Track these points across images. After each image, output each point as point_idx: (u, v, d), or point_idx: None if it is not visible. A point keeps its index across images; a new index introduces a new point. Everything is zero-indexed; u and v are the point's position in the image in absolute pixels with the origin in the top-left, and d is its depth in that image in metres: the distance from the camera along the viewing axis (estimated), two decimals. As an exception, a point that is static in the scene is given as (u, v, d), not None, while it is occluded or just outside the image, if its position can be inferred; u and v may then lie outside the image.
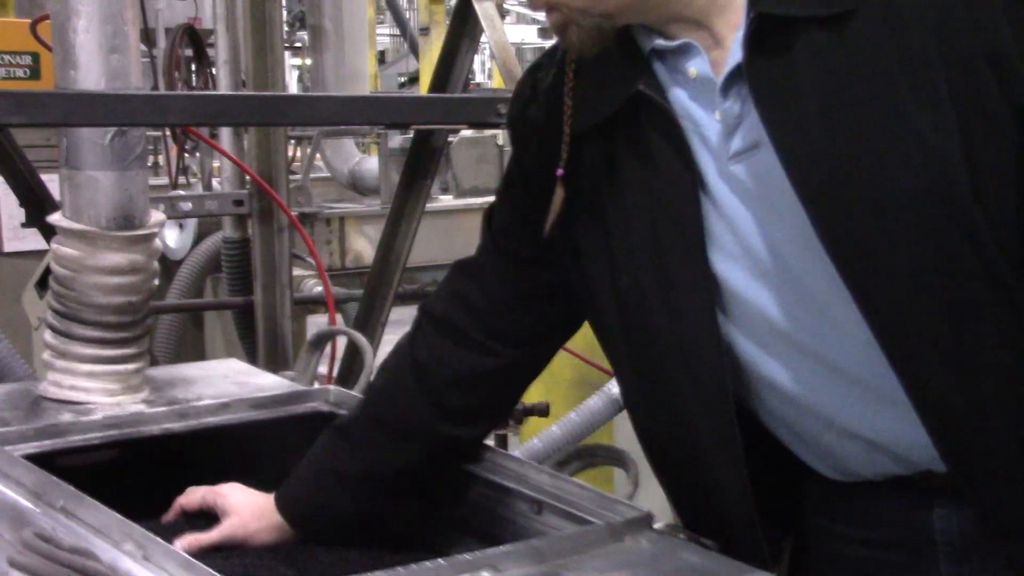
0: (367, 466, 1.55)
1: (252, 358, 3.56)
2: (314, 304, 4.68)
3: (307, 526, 1.57)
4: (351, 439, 1.57)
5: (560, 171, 1.36)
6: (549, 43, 1.46)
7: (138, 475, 1.70)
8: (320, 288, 4.57)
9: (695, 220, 1.28)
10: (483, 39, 3.00)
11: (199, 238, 4.78)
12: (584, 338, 1.51)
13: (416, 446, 1.54)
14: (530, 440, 2.47)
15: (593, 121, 1.34)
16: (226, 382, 2.05)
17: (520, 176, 1.47)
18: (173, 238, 4.92)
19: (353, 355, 3.34)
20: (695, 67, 1.27)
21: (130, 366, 1.99)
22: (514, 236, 1.49)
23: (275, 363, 3.41)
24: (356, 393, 1.88)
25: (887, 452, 1.31)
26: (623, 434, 3.38)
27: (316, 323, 5.95)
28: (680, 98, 1.29)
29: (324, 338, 2.20)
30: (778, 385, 1.31)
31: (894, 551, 1.36)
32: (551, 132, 1.38)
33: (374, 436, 1.55)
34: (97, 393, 1.95)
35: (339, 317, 4.17)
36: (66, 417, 1.83)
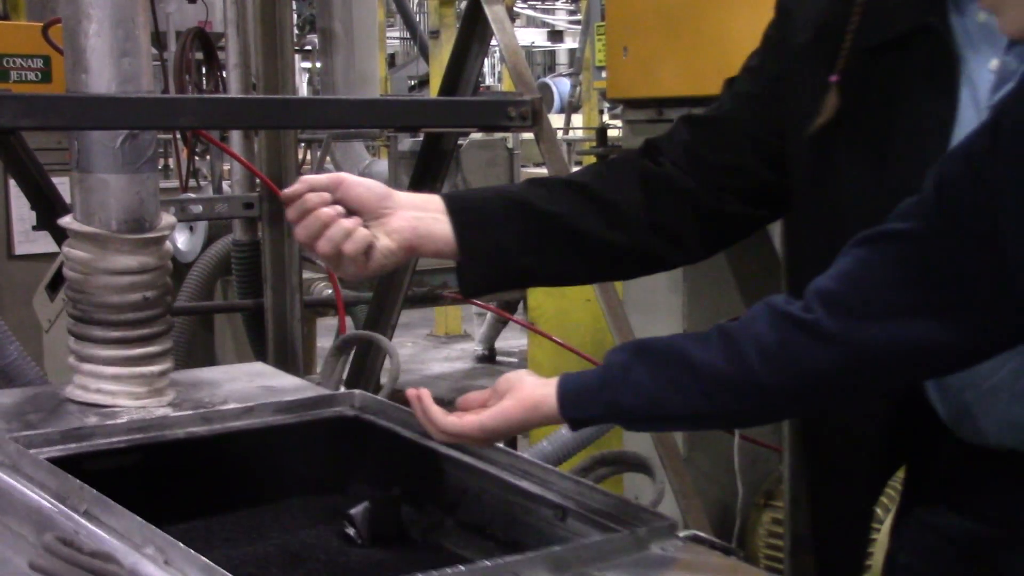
0: (553, 208, 1.52)
1: (261, 360, 3.56)
2: (324, 307, 4.68)
3: (462, 227, 1.51)
4: (550, 186, 1.56)
5: (835, 77, 1.41)
6: (559, 47, 1.47)
7: (163, 479, 1.70)
8: (330, 291, 4.58)
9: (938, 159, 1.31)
10: (493, 42, 3.00)
11: (209, 241, 4.79)
12: (593, 341, 1.52)
13: (615, 227, 1.54)
14: (539, 442, 2.47)
15: (877, 40, 1.39)
16: (251, 385, 2.05)
17: (778, 52, 1.53)
18: (183, 241, 4.93)
19: (363, 359, 3.34)
20: (986, 13, 1.30)
21: (155, 368, 1.99)
22: (754, 106, 1.55)
23: (285, 366, 3.41)
24: (381, 398, 1.88)
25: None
26: (632, 437, 3.38)
27: (326, 326, 5.97)
28: (960, 38, 1.34)
29: (350, 342, 2.20)
30: None
31: (997, 527, 1.40)
32: (829, 29, 1.43)
33: (576, 197, 1.55)
34: (123, 397, 1.95)
35: (348, 320, 4.17)
36: (91, 420, 1.83)
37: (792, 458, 2.52)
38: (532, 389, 1.40)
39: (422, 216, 1.50)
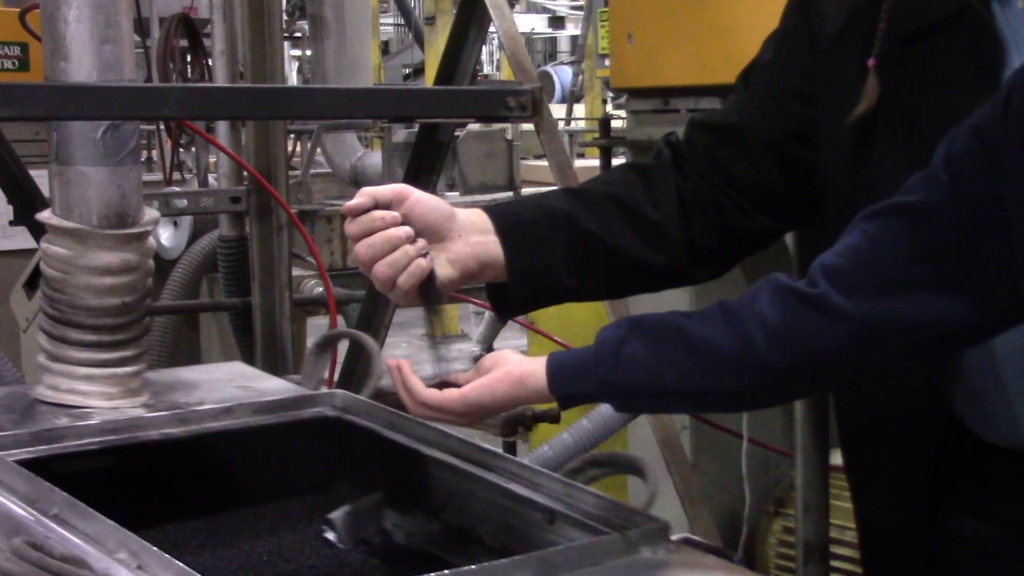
0: (597, 228, 1.52)
1: (249, 362, 3.55)
2: (314, 305, 4.68)
3: (512, 249, 1.50)
4: (590, 199, 1.56)
5: (872, 61, 1.42)
6: (560, 33, 1.48)
7: (137, 482, 1.70)
8: (320, 289, 4.58)
9: None
10: (491, 28, 3.00)
11: (194, 236, 4.78)
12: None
13: (656, 248, 1.54)
14: (540, 447, 2.47)
15: (915, 26, 1.40)
16: (229, 386, 2.05)
17: (805, 42, 1.53)
18: (167, 236, 4.92)
19: (355, 358, 3.34)
20: None
21: (129, 369, 1.99)
22: (772, 109, 1.55)
23: (274, 367, 3.41)
24: (364, 398, 1.88)
25: None
26: (636, 441, 3.38)
27: (316, 325, 5.96)
28: (1002, 27, 1.34)
29: (331, 341, 2.20)
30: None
31: (1009, 529, 1.41)
32: (861, 15, 1.44)
33: (618, 214, 1.55)
34: (95, 397, 1.96)
35: (340, 319, 4.17)
36: (63, 421, 1.83)
37: (804, 463, 2.52)
38: (519, 363, 1.40)
39: (485, 242, 1.49)
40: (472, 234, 1.48)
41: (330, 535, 1.62)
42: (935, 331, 1.24)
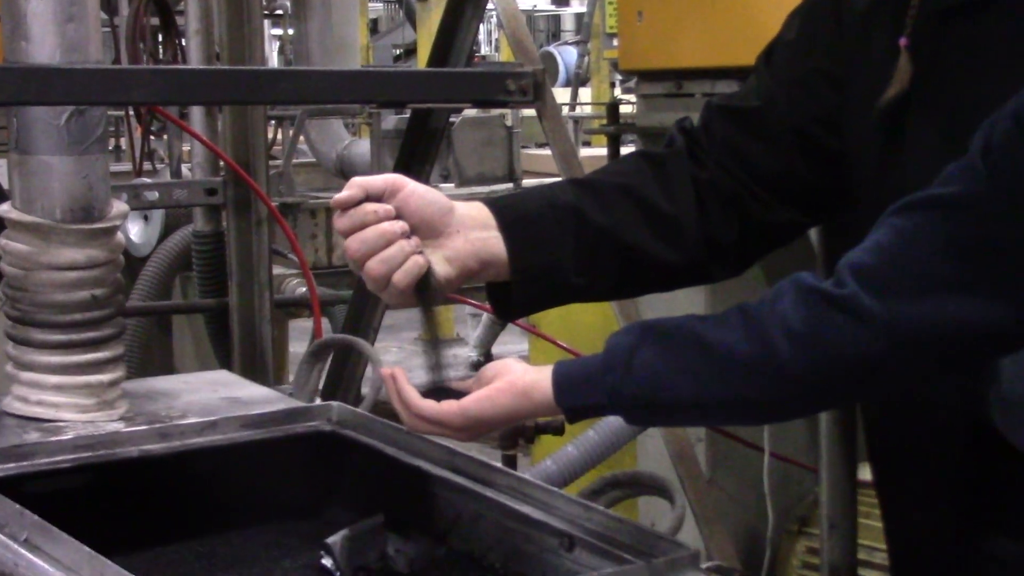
0: (607, 222, 1.52)
1: (227, 368, 3.55)
2: (297, 307, 4.68)
3: (516, 245, 1.50)
4: (600, 190, 1.56)
5: (904, 40, 1.42)
6: (563, 10, 1.48)
7: (114, 503, 1.70)
8: (304, 289, 4.57)
9: None
10: (489, 6, 3.00)
11: (166, 232, 4.78)
12: (602, 345, 1.52)
13: (671, 244, 1.55)
14: (542, 461, 2.47)
15: (953, 1, 1.40)
16: (214, 397, 2.05)
17: (832, 20, 1.53)
18: (137, 232, 4.92)
19: (342, 366, 3.34)
20: None
21: (104, 376, 1.98)
22: (796, 92, 1.55)
23: (253, 374, 3.41)
24: (362, 411, 1.88)
25: None
26: (647, 454, 3.38)
27: (299, 328, 5.96)
28: None
29: (327, 347, 2.20)
30: None
31: None
32: None
33: (631, 207, 1.54)
34: (68, 409, 1.95)
35: (325, 321, 4.17)
36: (33, 437, 1.83)
37: (830, 479, 2.52)
38: (523, 374, 1.40)
39: (486, 237, 1.49)
40: (472, 229, 1.48)
41: (327, 562, 1.62)
42: (972, 335, 1.24)
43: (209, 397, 2.04)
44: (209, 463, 1.79)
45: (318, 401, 2.00)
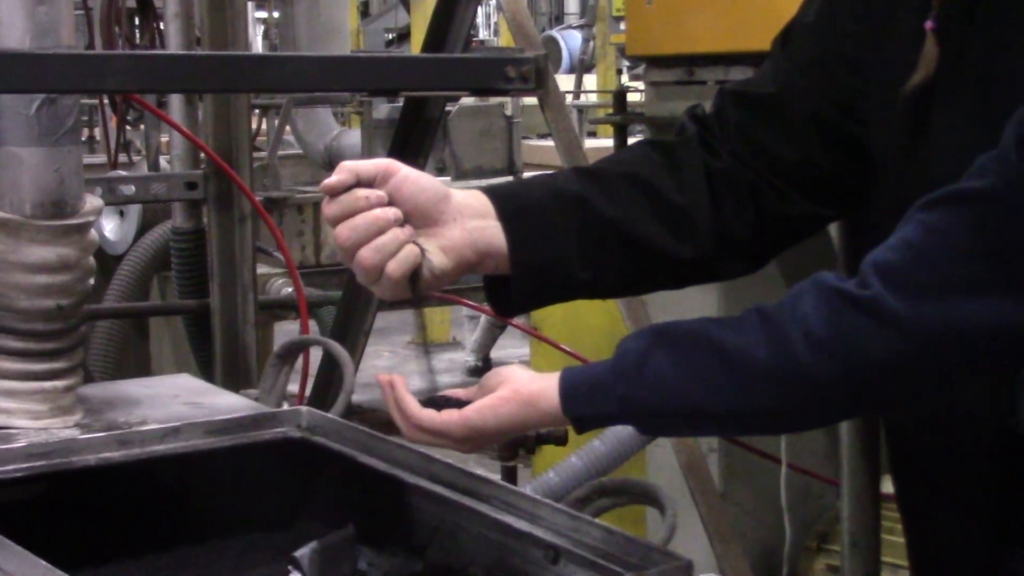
0: (615, 213, 1.52)
1: (207, 373, 3.56)
2: (283, 309, 4.69)
3: (517, 237, 1.50)
4: (607, 180, 1.56)
5: (930, 23, 1.42)
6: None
7: (70, 515, 1.70)
8: (290, 289, 4.58)
9: None
10: (488, -13, 3.00)
11: (143, 228, 4.79)
12: (609, 350, 1.52)
13: (682, 238, 1.55)
14: (544, 474, 2.47)
15: None
16: (176, 402, 2.05)
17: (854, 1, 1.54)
18: (112, 228, 4.93)
19: (331, 370, 3.34)
20: None
21: (59, 383, 1.99)
22: (815, 75, 1.55)
23: (235, 379, 3.41)
24: (334, 416, 1.89)
25: None
26: (657, 466, 3.38)
27: (285, 331, 5.96)
28: None
29: (295, 349, 2.20)
30: None
31: None
32: None
33: (640, 198, 1.54)
34: (20, 416, 1.96)
35: (313, 324, 4.17)
36: (-18, 445, 1.83)
37: (852, 492, 2.52)
38: (529, 381, 1.40)
39: (484, 227, 1.49)
40: (469, 218, 1.48)
41: (296, 576, 1.62)
42: (1004, 339, 1.24)
43: (171, 403, 2.05)
44: (171, 472, 1.79)
45: (286, 406, 2.01)
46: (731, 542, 2.64)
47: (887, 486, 2.27)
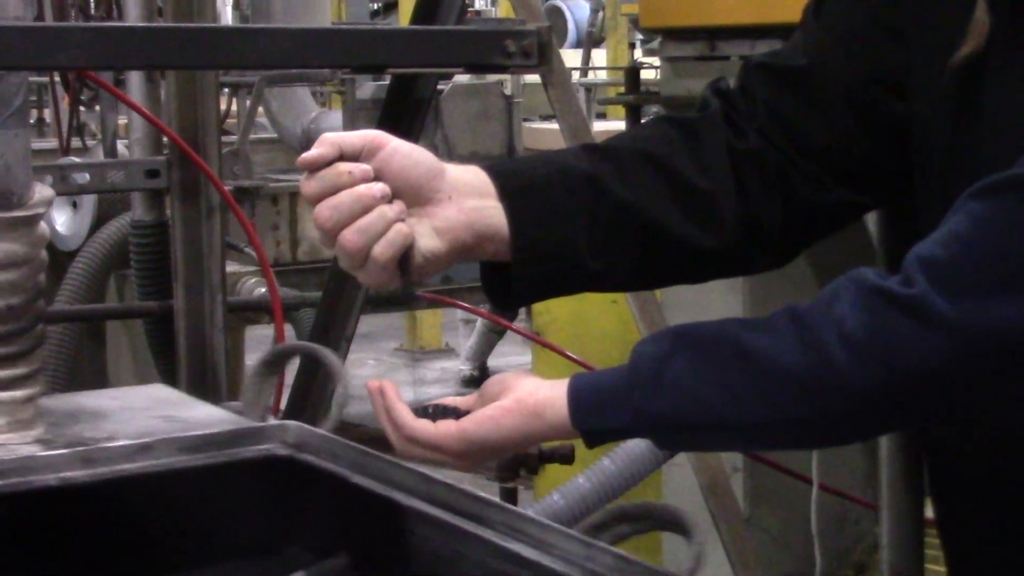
0: (629, 196, 1.53)
1: (170, 383, 3.56)
2: (255, 311, 4.69)
3: (519, 218, 1.51)
4: (621, 158, 1.56)
5: None
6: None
7: (30, 539, 1.70)
8: (263, 290, 4.58)
9: None
10: (485, -49, 3.00)
11: (99, 221, 4.79)
12: (620, 357, 1.52)
13: (706, 226, 1.55)
14: (549, 495, 2.47)
15: None
16: (147, 415, 2.05)
17: None
18: (64, 221, 4.93)
19: (310, 380, 3.34)
20: None
21: (18, 392, 1.99)
22: (852, 47, 1.56)
23: (202, 390, 3.41)
24: (325, 432, 1.89)
25: None
26: (674, 487, 3.38)
27: (258, 337, 5.97)
28: None
29: (281, 357, 2.20)
30: None
31: None
32: None
33: (658, 180, 1.55)
34: (-30, 431, 1.96)
35: (289, 329, 4.17)
36: (-66, 462, 1.83)
37: (892, 518, 2.52)
38: (534, 390, 1.40)
39: (483, 207, 1.49)
40: (466, 197, 1.48)
41: (281, 608, 1.63)
42: None
43: (142, 416, 2.05)
44: (142, 494, 1.79)
45: (272, 420, 2.01)
46: (756, 571, 2.64)
47: (928, 511, 2.28)
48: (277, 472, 1.84)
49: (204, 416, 2.07)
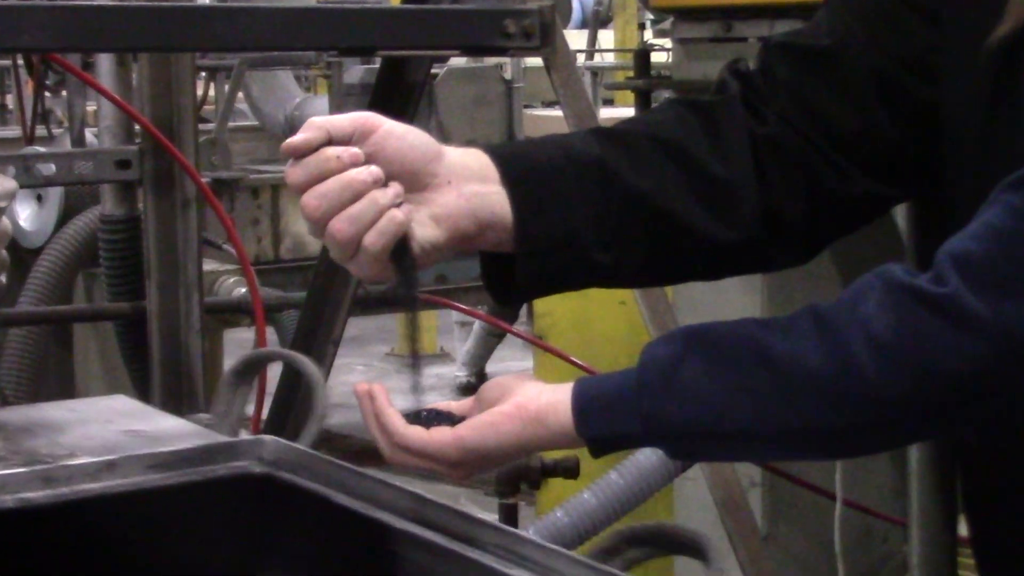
0: (642, 184, 1.53)
1: (143, 392, 3.56)
2: (235, 313, 4.68)
3: (524, 206, 1.51)
4: (632, 143, 1.56)
5: None
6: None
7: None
8: (243, 290, 4.58)
9: None
10: (482, -76, 3.00)
11: (66, 216, 4.79)
12: (628, 362, 1.52)
13: (724, 218, 1.55)
14: (552, 513, 2.47)
15: None
16: (111, 429, 2.05)
17: None
18: (29, 216, 4.93)
19: (293, 389, 3.34)
20: None
21: (-33, 404, 1.99)
22: (879, 27, 1.56)
23: (177, 399, 3.41)
24: (303, 447, 1.88)
25: None
26: (687, 503, 3.38)
27: (237, 340, 5.97)
28: None
29: (255, 364, 2.20)
30: None
31: None
32: None
33: (673, 168, 1.55)
34: (-80, 445, 1.96)
35: (271, 332, 4.17)
36: None
37: (923, 535, 2.52)
38: (535, 394, 1.40)
39: (485, 193, 1.49)
40: (467, 182, 1.48)
41: (258, 638, 1.63)
42: None
43: (105, 430, 2.04)
44: (106, 515, 1.78)
45: (245, 435, 2.01)
46: (777, 595, 2.64)
47: (961, 528, 2.28)
48: (252, 492, 1.84)
49: (171, 429, 2.07)
